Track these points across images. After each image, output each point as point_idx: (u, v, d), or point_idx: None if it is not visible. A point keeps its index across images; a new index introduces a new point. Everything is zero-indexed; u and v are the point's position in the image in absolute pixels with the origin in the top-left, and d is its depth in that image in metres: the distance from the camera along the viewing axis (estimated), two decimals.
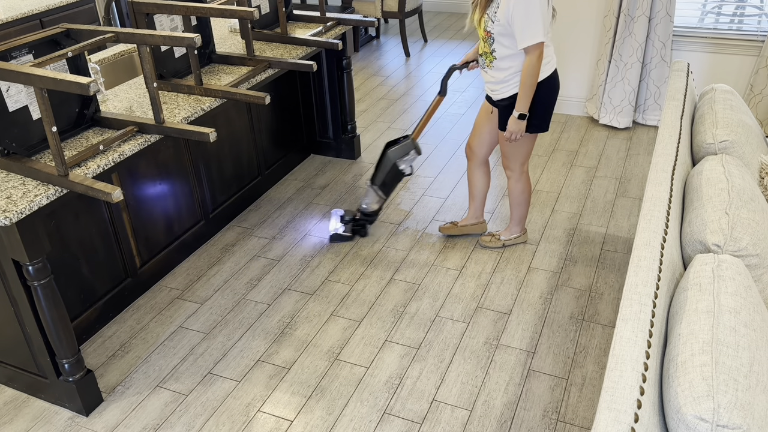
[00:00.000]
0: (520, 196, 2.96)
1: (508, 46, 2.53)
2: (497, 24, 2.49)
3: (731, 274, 1.49)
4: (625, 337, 1.33)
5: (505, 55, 2.56)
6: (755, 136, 2.32)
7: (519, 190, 2.94)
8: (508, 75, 2.60)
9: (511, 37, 2.49)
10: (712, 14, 4.26)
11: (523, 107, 2.58)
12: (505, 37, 2.51)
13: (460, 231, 3.20)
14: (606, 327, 2.61)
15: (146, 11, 2.54)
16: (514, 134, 2.65)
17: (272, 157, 3.73)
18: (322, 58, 3.78)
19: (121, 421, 2.29)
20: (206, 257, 3.15)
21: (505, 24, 2.47)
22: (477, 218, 3.17)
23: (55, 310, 2.11)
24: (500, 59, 2.58)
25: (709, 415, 1.17)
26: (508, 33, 2.49)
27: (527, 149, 2.80)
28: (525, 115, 2.60)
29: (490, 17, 2.51)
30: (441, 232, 3.23)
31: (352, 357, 2.52)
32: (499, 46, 2.56)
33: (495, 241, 3.10)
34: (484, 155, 2.99)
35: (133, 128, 2.32)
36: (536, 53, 2.47)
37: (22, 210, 1.91)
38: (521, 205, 2.99)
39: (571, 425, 2.20)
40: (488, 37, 2.57)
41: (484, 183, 3.07)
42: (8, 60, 2.11)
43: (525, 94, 2.55)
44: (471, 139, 2.98)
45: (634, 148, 4.02)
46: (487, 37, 2.57)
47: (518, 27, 2.44)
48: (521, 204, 2.99)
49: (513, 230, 3.09)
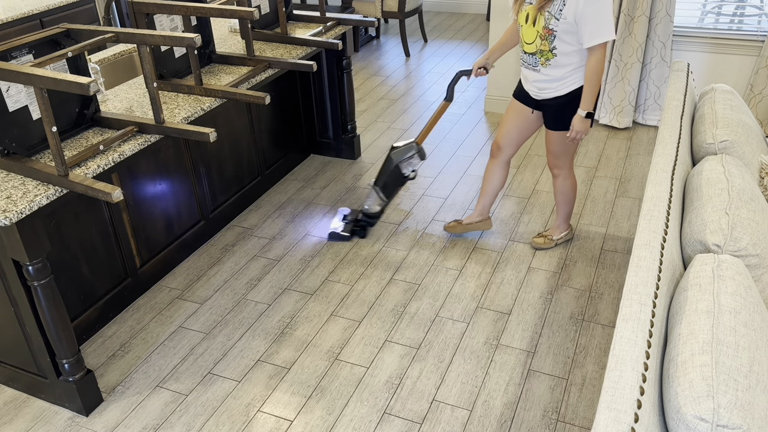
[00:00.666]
0: (569, 194, 2.97)
1: (571, 43, 2.51)
2: (563, 22, 2.46)
3: (731, 274, 1.49)
4: (625, 337, 1.33)
5: (567, 53, 2.53)
6: (755, 136, 2.32)
7: (568, 187, 2.95)
8: (566, 72, 2.58)
9: (575, 34, 2.47)
10: (712, 14, 4.26)
11: (590, 105, 2.57)
12: (570, 34, 2.48)
13: (465, 229, 3.20)
14: (606, 327, 2.61)
15: (146, 11, 2.54)
16: (580, 133, 2.63)
17: (272, 157, 3.73)
18: (322, 58, 3.78)
19: (121, 421, 2.29)
20: (206, 257, 3.15)
21: (572, 22, 2.44)
22: (482, 215, 3.17)
23: (55, 310, 2.11)
24: (561, 57, 2.55)
25: (709, 415, 1.17)
26: (573, 31, 2.46)
27: (575, 146, 2.81)
28: (592, 114, 2.59)
29: (554, 15, 2.47)
30: (446, 231, 3.24)
31: (352, 357, 2.52)
32: (560, 44, 2.52)
33: (548, 242, 3.09)
34: (509, 155, 3.00)
35: (133, 128, 2.32)
36: (603, 51, 2.47)
37: (22, 210, 1.91)
38: (569, 203, 3.01)
39: (571, 425, 2.20)
40: (549, 35, 2.52)
41: (500, 182, 3.08)
42: (8, 60, 2.11)
43: (591, 92, 2.54)
44: (499, 138, 2.97)
45: (634, 148, 4.02)
46: (548, 34, 2.52)
47: (589, 25, 2.41)
48: (569, 202, 3.00)
49: (562, 228, 3.10)
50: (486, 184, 3.10)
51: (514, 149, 2.98)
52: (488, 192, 3.11)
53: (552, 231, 3.12)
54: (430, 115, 3.31)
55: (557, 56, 2.55)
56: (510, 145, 2.96)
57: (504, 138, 2.94)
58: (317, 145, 4.09)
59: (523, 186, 3.64)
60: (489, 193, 3.11)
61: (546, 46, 2.55)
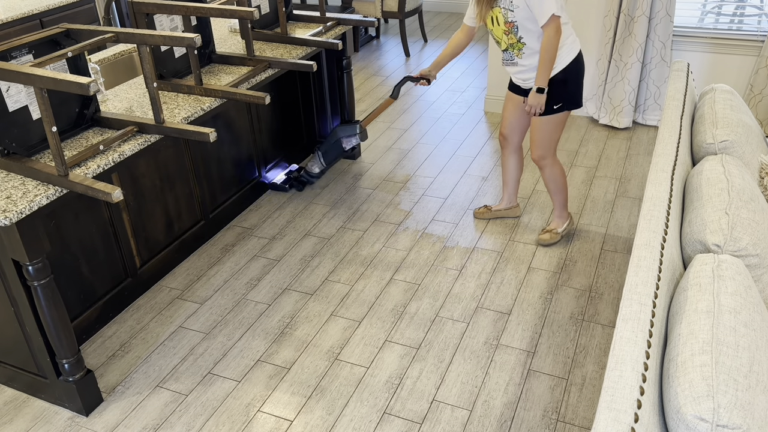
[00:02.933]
0: (557, 182, 3.03)
1: (533, 29, 2.64)
2: (517, 10, 2.59)
3: (731, 274, 1.49)
4: (625, 337, 1.33)
5: (534, 39, 2.66)
6: (755, 136, 2.32)
7: (556, 174, 3.01)
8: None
9: (533, 19, 2.59)
10: (712, 14, 4.26)
11: (542, 81, 2.67)
12: (529, 20, 2.61)
13: (494, 215, 3.35)
14: (606, 327, 2.61)
15: (146, 11, 2.54)
16: (533, 108, 2.74)
17: (272, 157, 3.73)
18: (322, 58, 3.78)
19: (121, 421, 2.29)
20: (206, 257, 3.15)
21: (524, 7, 2.57)
22: (510, 203, 3.32)
23: (55, 310, 2.11)
24: (529, 44, 2.67)
25: (709, 415, 1.17)
26: (530, 16, 2.60)
27: (557, 134, 2.89)
28: (543, 89, 2.69)
29: (507, 8, 2.62)
30: (475, 217, 3.37)
31: (352, 357, 2.52)
32: (525, 32, 2.65)
33: (554, 236, 3.14)
34: (517, 142, 3.13)
35: (133, 128, 2.32)
36: (553, 27, 2.57)
37: (22, 210, 1.91)
38: (562, 190, 3.06)
39: (571, 425, 2.20)
40: (511, 28, 2.67)
41: (517, 169, 3.21)
42: (8, 60, 2.11)
43: (545, 68, 2.64)
44: (502, 129, 3.11)
45: (634, 148, 4.02)
46: (510, 28, 2.67)
47: (536, 6, 2.54)
48: (561, 189, 3.06)
49: (562, 216, 3.15)
50: (505, 174, 3.25)
51: (520, 136, 3.11)
52: (509, 181, 3.25)
53: (554, 224, 3.17)
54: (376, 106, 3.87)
55: (527, 44, 2.68)
56: (513, 133, 3.09)
57: (506, 128, 3.09)
58: (317, 145, 4.09)
59: (523, 186, 3.64)
60: (510, 181, 3.25)
61: (513, 38, 2.70)
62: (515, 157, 3.17)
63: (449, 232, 3.26)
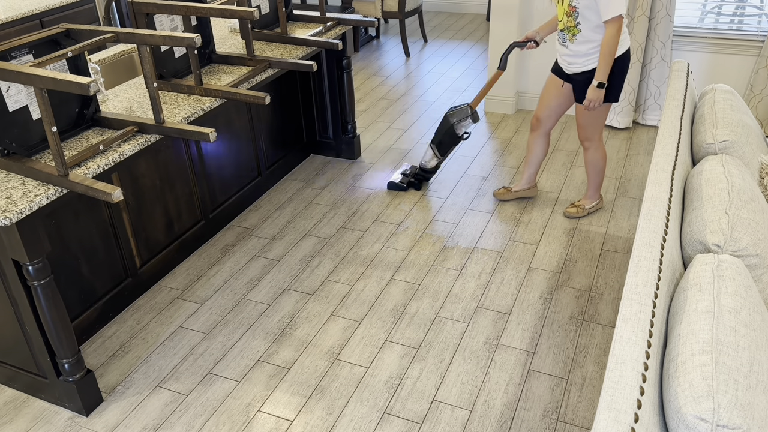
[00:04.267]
0: (599, 164, 3.16)
1: (592, 19, 2.72)
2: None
3: (731, 274, 1.49)
4: (625, 337, 1.33)
5: (590, 29, 2.75)
6: (755, 136, 2.32)
7: (598, 158, 3.14)
8: (591, 48, 2.79)
9: (596, 11, 2.69)
10: (712, 14, 4.26)
11: (603, 76, 2.77)
12: (590, 10, 2.70)
13: (513, 195, 3.47)
14: (606, 327, 2.61)
15: (146, 11, 2.54)
16: (593, 102, 2.84)
17: (272, 157, 3.73)
18: (322, 58, 3.78)
19: (121, 421, 2.29)
20: (206, 257, 3.15)
21: None
22: (530, 183, 3.45)
23: (55, 310, 2.11)
24: (584, 32, 2.77)
25: (709, 415, 1.17)
26: (592, 7, 2.68)
27: (603, 119, 3.00)
28: (604, 84, 2.79)
29: None
30: (495, 197, 3.50)
31: (352, 357, 2.52)
32: (583, 20, 2.75)
33: (580, 211, 3.30)
34: (549, 127, 3.23)
35: (133, 128, 2.32)
36: (617, 26, 2.66)
37: (22, 210, 1.91)
38: (599, 174, 3.21)
39: (571, 425, 2.20)
40: (573, 12, 2.76)
41: (542, 151, 3.32)
42: (8, 60, 2.11)
43: (605, 63, 2.73)
44: (539, 111, 3.19)
45: (634, 148, 4.02)
46: (572, 11, 2.76)
47: (604, 1, 2.61)
48: (599, 172, 3.20)
49: (593, 197, 3.31)
50: (529, 155, 3.35)
51: (553, 122, 3.20)
52: (532, 162, 3.36)
53: (584, 201, 3.32)
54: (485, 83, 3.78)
55: (582, 31, 2.78)
56: (549, 118, 3.18)
57: (543, 111, 3.17)
58: (317, 145, 4.09)
59: None
60: (533, 163, 3.36)
61: (572, 22, 2.79)
62: (543, 140, 3.26)
63: (449, 232, 3.26)
